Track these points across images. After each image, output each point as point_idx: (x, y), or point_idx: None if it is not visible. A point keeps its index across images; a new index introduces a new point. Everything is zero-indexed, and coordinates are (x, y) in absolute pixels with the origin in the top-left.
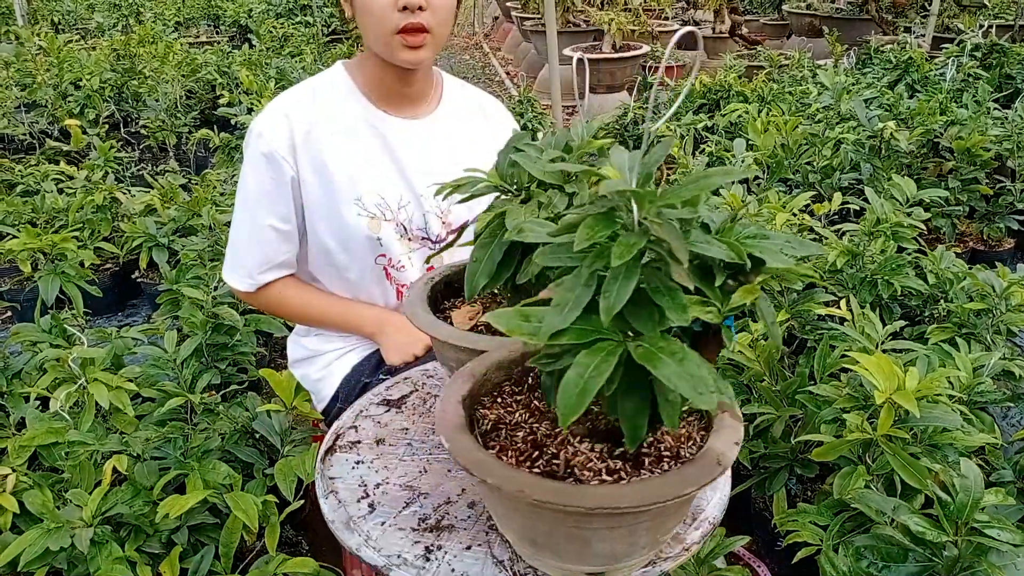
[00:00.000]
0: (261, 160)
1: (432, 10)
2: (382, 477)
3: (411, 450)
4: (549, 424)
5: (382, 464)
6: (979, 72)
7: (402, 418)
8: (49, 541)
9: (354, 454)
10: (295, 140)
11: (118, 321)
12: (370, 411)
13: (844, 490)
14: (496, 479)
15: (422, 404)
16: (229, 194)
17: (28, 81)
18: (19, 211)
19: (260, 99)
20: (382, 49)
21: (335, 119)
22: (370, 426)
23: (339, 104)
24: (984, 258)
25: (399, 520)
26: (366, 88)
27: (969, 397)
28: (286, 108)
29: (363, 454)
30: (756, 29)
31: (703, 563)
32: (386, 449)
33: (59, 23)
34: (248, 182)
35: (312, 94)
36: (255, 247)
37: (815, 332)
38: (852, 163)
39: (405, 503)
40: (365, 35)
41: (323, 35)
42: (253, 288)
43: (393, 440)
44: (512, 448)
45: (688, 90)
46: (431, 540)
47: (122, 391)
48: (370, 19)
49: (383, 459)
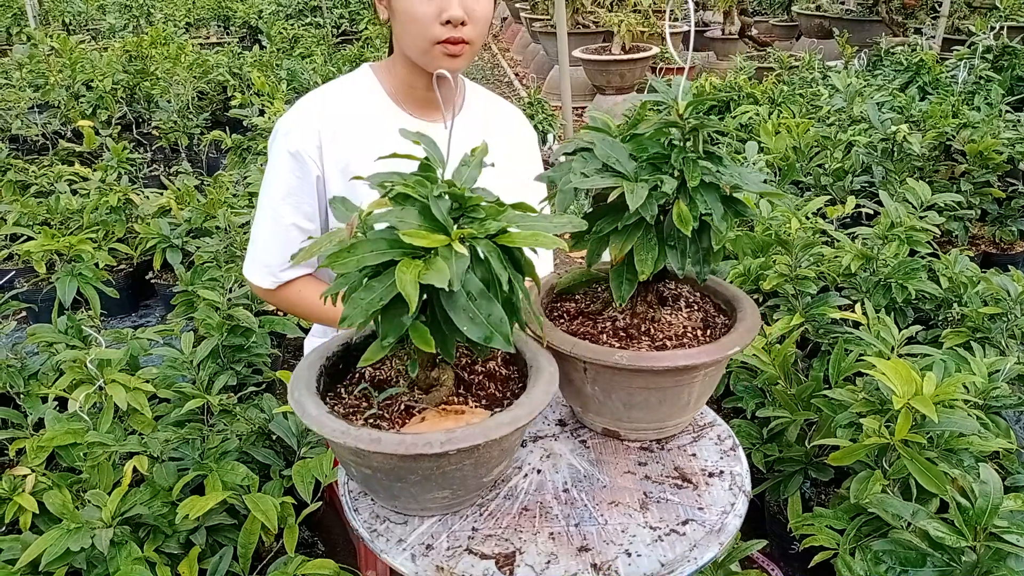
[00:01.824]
0: (287, 158)
1: (473, 23)
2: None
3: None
4: None
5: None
6: (991, 74)
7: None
8: (70, 541)
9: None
10: (322, 139)
11: (132, 322)
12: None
13: (861, 494)
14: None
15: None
16: (242, 196)
17: (41, 82)
18: (34, 212)
19: (272, 100)
20: (420, 57)
21: (361, 120)
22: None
23: (366, 105)
24: (996, 261)
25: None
26: (393, 91)
27: (984, 402)
28: (314, 107)
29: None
30: (765, 30)
31: (720, 567)
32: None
33: (70, 24)
34: (273, 180)
35: (340, 94)
36: (278, 245)
37: (829, 336)
38: (864, 166)
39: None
40: (400, 41)
41: (333, 36)
42: (274, 285)
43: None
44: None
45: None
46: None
47: (140, 392)
48: (411, 28)
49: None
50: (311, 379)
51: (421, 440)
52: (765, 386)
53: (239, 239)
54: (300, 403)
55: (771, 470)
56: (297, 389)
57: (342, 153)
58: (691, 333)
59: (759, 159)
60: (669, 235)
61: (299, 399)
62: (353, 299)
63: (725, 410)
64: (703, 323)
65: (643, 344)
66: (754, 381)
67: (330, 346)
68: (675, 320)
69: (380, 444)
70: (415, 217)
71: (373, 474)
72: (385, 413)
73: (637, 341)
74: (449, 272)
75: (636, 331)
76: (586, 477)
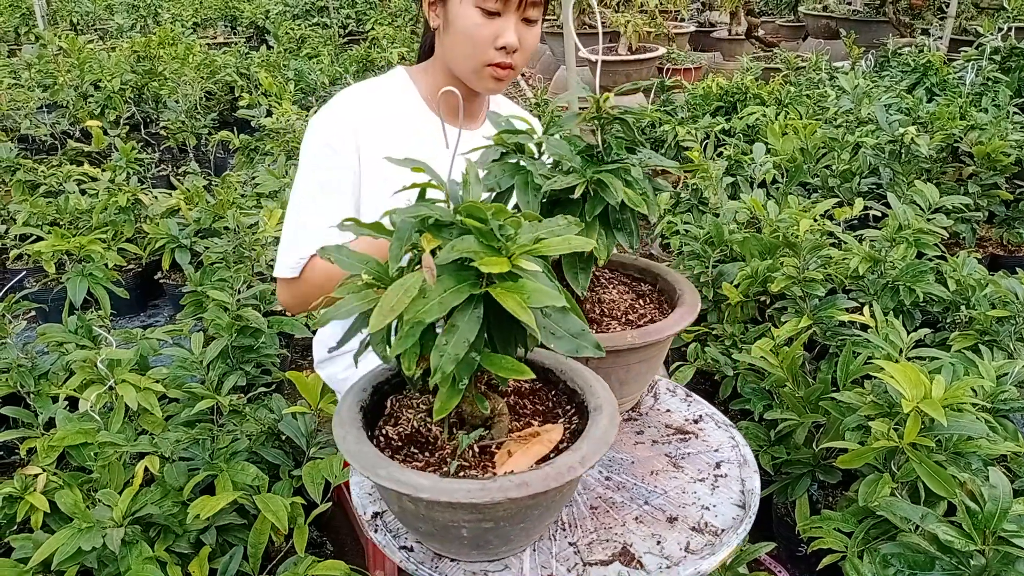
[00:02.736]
0: (323, 151)
1: (522, 51)
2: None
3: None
4: None
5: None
6: (998, 76)
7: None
8: (81, 541)
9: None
10: (358, 135)
11: (140, 321)
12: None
13: (869, 497)
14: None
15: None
16: (250, 196)
17: (49, 82)
18: (43, 212)
19: (279, 101)
20: (467, 75)
21: (395, 119)
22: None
23: (400, 105)
24: (1004, 263)
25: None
26: (427, 94)
27: (993, 405)
28: (350, 103)
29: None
30: (772, 31)
31: (728, 569)
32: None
33: (78, 24)
34: (308, 174)
35: (375, 94)
36: (311, 239)
37: (837, 338)
38: (871, 168)
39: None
40: (449, 53)
41: (340, 37)
42: (297, 271)
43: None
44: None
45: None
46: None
47: (150, 392)
48: (465, 46)
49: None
50: (370, 452)
51: (565, 468)
52: (773, 388)
53: (248, 240)
54: (398, 478)
55: (779, 472)
56: (384, 467)
57: (375, 150)
58: (635, 305)
59: (766, 160)
60: (615, 222)
61: (394, 475)
62: (438, 347)
63: (732, 412)
64: (636, 294)
65: (612, 325)
66: (762, 383)
67: (361, 396)
68: (618, 298)
69: (528, 487)
70: (476, 244)
71: (496, 526)
72: (463, 460)
73: (607, 323)
74: (548, 289)
75: (595, 314)
76: (612, 461)
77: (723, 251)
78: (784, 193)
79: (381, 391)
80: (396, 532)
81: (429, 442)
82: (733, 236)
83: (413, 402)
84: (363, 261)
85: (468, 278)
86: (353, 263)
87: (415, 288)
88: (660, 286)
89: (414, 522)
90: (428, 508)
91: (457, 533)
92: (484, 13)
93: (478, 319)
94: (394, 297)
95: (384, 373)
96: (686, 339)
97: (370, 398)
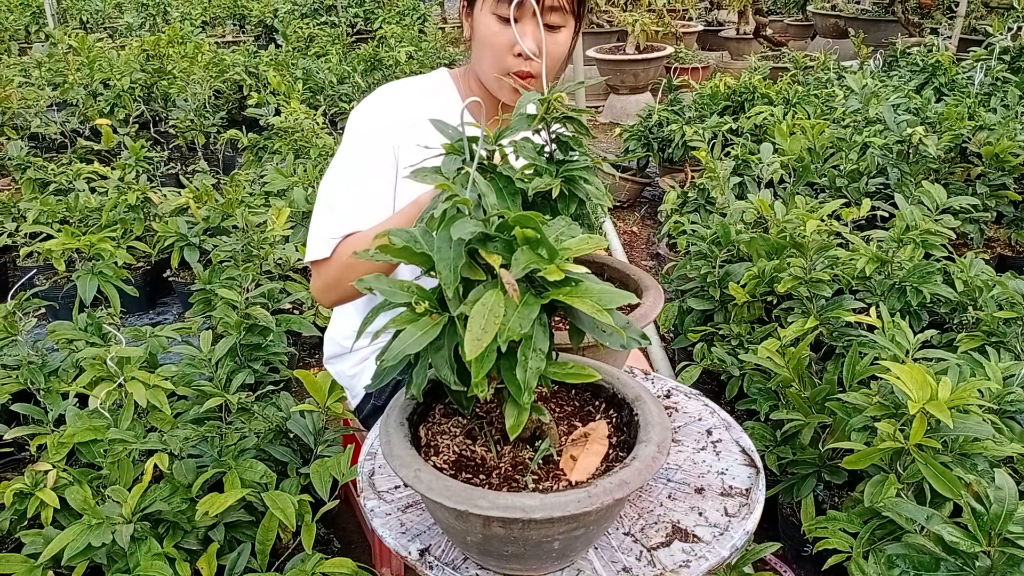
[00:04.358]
0: (368, 139)
1: (547, 58)
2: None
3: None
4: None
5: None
6: (1008, 76)
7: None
8: (91, 536)
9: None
10: (401, 127)
11: (149, 319)
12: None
13: (875, 498)
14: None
15: None
16: (258, 195)
17: (59, 81)
18: (53, 210)
19: (288, 100)
20: (490, 82)
21: (435, 117)
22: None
23: (438, 107)
24: (1012, 264)
25: None
26: (466, 97)
27: (999, 406)
28: (394, 97)
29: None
30: (780, 30)
31: (733, 568)
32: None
33: (87, 22)
34: (347, 163)
35: (418, 90)
36: (343, 220)
37: (843, 339)
38: (879, 168)
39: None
40: (476, 62)
41: (348, 35)
42: (330, 251)
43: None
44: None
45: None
46: None
47: (159, 390)
48: (486, 53)
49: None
50: (458, 487)
51: (650, 459)
52: (779, 389)
53: (256, 238)
54: (504, 504)
55: (784, 472)
56: (481, 497)
57: (415, 144)
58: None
59: (774, 160)
60: (579, 217)
61: (498, 502)
62: (520, 363)
63: (738, 412)
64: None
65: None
66: (768, 384)
67: (405, 433)
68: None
69: (628, 485)
70: (534, 256)
71: (586, 531)
72: (533, 474)
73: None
74: (615, 289)
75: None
76: None
77: (730, 251)
78: (791, 193)
79: (412, 423)
80: (453, 563)
81: (477, 464)
82: (740, 236)
83: (443, 427)
84: (404, 288)
85: (527, 289)
86: (395, 291)
87: (500, 307)
88: (609, 274)
89: (499, 547)
90: (524, 528)
91: (548, 547)
92: (501, 20)
93: (546, 328)
94: (481, 319)
95: (409, 405)
96: (692, 339)
97: (411, 431)
